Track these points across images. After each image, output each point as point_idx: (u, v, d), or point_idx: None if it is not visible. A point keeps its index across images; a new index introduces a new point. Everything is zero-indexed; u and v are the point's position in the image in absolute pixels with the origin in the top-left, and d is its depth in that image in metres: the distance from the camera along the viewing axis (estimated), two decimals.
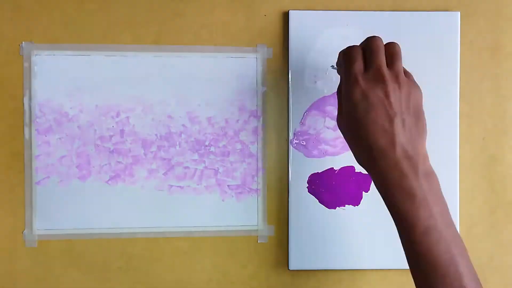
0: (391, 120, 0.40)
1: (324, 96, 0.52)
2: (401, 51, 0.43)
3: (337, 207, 0.52)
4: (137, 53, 0.51)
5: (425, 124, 0.42)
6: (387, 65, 0.42)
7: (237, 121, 0.52)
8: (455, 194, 0.52)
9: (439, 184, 0.41)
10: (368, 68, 0.42)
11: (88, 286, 0.52)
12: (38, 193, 0.51)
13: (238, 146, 0.52)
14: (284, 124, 0.52)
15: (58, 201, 0.51)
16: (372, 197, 0.52)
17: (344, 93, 0.42)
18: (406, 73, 0.43)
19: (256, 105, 0.52)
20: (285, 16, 0.52)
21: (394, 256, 0.52)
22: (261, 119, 0.52)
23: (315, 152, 0.52)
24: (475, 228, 0.53)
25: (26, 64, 0.51)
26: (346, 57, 0.43)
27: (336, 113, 0.52)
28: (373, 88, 0.40)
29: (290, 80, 0.52)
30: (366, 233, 0.52)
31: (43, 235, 0.51)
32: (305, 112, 0.52)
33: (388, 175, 0.40)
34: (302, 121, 0.52)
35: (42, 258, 0.51)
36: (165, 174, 0.51)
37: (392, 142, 0.40)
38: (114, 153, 0.51)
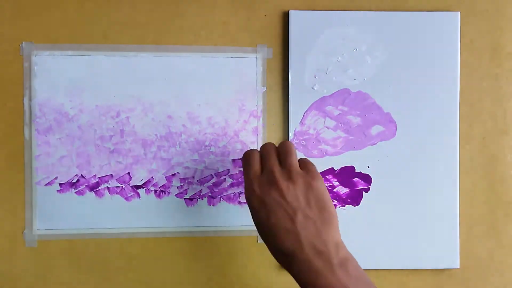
0: (292, 219, 0.40)
1: (324, 96, 0.52)
2: (294, 147, 0.44)
3: (337, 207, 0.52)
4: (137, 53, 0.51)
5: (333, 211, 0.41)
6: (281, 164, 0.43)
7: (237, 121, 0.52)
8: (455, 194, 0.52)
9: (358, 267, 0.40)
10: (262, 172, 0.43)
11: (88, 286, 0.52)
12: (38, 193, 0.51)
13: (238, 146, 0.52)
14: (284, 124, 0.52)
15: (58, 201, 0.51)
16: (372, 197, 0.52)
17: (246, 200, 0.43)
18: (305, 164, 0.43)
19: (256, 105, 0.52)
20: (285, 16, 0.52)
21: (394, 256, 0.52)
22: (261, 119, 0.52)
23: (315, 152, 0.52)
24: (475, 228, 0.53)
25: (26, 64, 0.51)
26: (243, 163, 0.44)
27: (336, 113, 0.52)
28: (268, 191, 0.41)
29: (290, 80, 0.52)
30: (366, 233, 0.52)
31: (43, 235, 0.51)
32: (305, 112, 0.52)
33: (303, 275, 0.39)
34: (302, 121, 0.52)
35: (42, 258, 0.51)
36: (165, 174, 0.51)
37: (298, 241, 0.39)
38: (114, 153, 0.51)
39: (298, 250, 0.39)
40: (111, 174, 0.51)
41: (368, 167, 0.52)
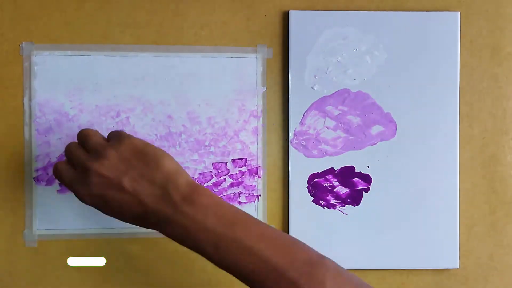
0: (122, 189, 0.38)
1: (324, 96, 0.52)
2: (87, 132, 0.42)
3: (337, 207, 0.52)
4: (137, 53, 0.51)
5: (156, 150, 0.40)
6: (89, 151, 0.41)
7: (237, 121, 0.52)
8: (455, 194, 0.52)
9: (210, 194, 0.38)
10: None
11: (88, 286, 0.52)
12: (38, 193, 0.51)
13: (238, 146, 0.52)
14: (284, 124, 0.52)
15: (58, 201, 0.51)
16: (372, 197, 0.52)
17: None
18: (112, 135, 0.42)
19: (256, 105, 0.52)
20: (285, 16, 0.52)
21: (394, 256, 0.52)
22: (261, 119, 0.52)
23: (315, 152, 0.52)
24: (475, 228, 0.53)
25: (26, 64, 0.51)
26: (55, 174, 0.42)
27: (336, 113, 0.52)
28: (88, 185, 0.39)
29: (290, 80, 0.52)
30: (366, 233, 0.52)
31: (43, 235, 0.51)
32: (305, 112, 0.52)
33: (166, 231, 0.39)
34: (302, 121, 0.52)
35: (42, 258, 0.51)
36: None
37: (142, 203, 0.38)
38: None
39: (149, 212, 0.38)
40: None
41: (368, 167, 0.52)
